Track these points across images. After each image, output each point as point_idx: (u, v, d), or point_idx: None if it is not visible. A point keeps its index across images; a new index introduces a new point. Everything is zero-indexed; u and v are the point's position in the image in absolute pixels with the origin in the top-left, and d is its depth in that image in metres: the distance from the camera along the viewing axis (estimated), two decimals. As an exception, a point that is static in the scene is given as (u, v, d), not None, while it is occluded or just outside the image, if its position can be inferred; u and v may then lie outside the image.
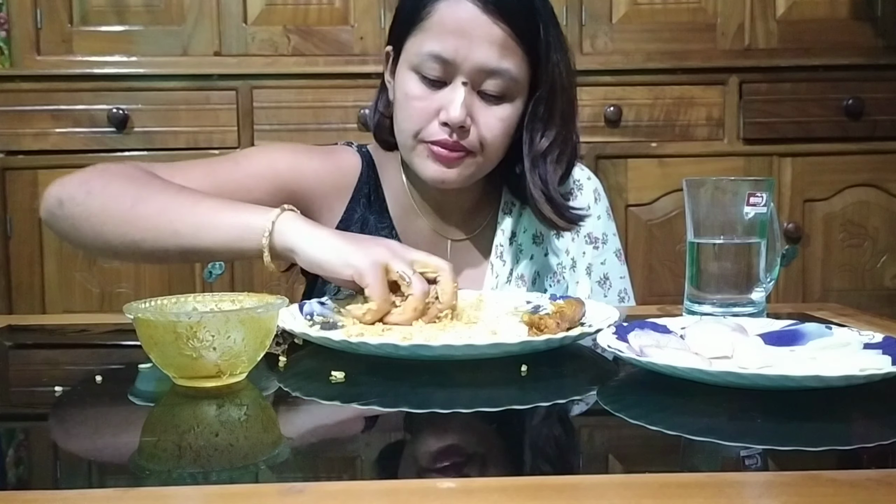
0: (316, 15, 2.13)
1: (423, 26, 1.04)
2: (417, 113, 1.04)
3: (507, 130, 1.07)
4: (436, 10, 1.03)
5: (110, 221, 0.97)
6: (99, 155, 2.05)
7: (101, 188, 0.98)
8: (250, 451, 0.58)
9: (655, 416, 0.63)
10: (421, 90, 1.04)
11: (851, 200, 2.17)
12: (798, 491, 0.48)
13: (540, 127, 1.09)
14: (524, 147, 1.10)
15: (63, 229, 1.01)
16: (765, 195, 0.95)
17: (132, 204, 0.96)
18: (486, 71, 1.02)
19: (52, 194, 1.00)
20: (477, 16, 1.01)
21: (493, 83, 1.03)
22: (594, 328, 0.80)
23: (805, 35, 2.17)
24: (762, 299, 0.97)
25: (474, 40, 1.01)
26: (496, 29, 1.01)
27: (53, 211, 1.00)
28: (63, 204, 0.99)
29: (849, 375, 0.63)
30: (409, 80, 1.05)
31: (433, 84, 1.04)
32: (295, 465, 0.55)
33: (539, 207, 1.10)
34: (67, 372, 0.86)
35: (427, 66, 1.03)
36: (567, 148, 1.12)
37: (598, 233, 1.22)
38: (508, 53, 1.03)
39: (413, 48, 1.05)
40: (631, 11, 2.14)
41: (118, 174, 1.01)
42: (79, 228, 0.99)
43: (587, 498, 0.47)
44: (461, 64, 1.02)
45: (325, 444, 0.60)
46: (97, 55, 2.09)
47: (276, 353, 0.79)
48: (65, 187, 1.00)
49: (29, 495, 0.49)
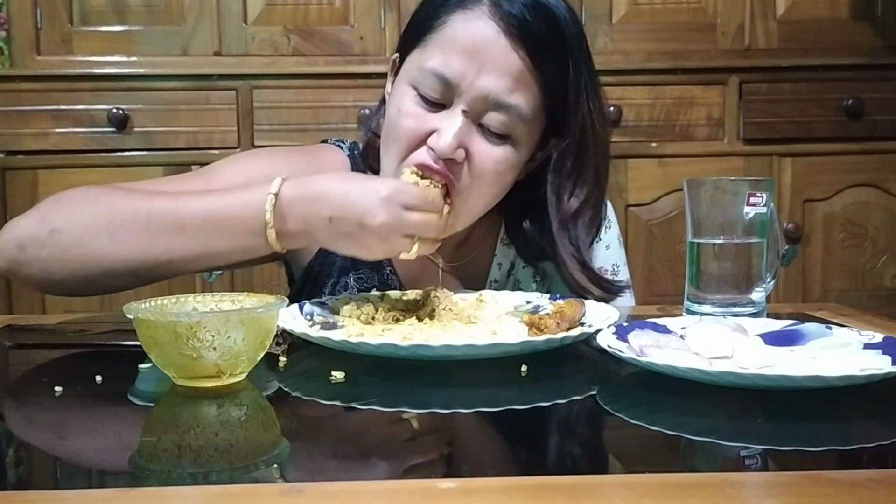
0: (316, 15, 2.13)
1: (431, 38, 0.93)
2: (406, 134, 0.92)
3: (501, 177, 0.94)
4: (450, 23, 0.92)
5: (84, 259, 0.87)
6: (99, 155, 2.06)
7: (65, 222, 0.88)
8: (250, 451, 0.58)
9: (655, 416, 0.63)
10: (415, 109, 0.92)
11: (851, 200, 2.17)
12: (798, 491, 0.48)
13: (568, 184, 0.97)
14: (550, 207, 0.98)
15: (31, 275, 0.89)
16: (765, 195, 0.95)
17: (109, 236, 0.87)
18: (491, 102, 0.90)
19: (7, 240, 0.89)
20: (494, 38, 0.89)
21: (497, 118, 0.91)
22: (594, 328, 0.80)
23: (805, 35, 2.17)
24: (762, 299, 0.97)
25: (485, 65, 0.89)
26: (513, 57, 0.90)
27: (14, 257, 0.88)
28: (25, 248, 0.88)
29: (849, 375, 0.63)
30: (405, 95, 0.93)
31: (431, 105, 0.92)
32: (295, 465, 0.55)
33: (573, 274, 0.97)
34: (67, 372, 0.86)
35: (426, 84, 0.91)
36: (599, 214, 1.01)
37: (608, 265, 1.12)
38: (521, 87, 0.91)
39: (416, 61, 0.94)
40: (631, 11, 2.14)
41: (79, 203, 0.90)
42: (51, 271, 0.88)
43: (587, 498, 0.47)
44: (465, 90, 0.90)
45: (325, 444, 0.60)
46: (97, 55, 2.09)
47: (276, 353, 0.79)
48: (19, 229, 0.89)
49: (29, 495, 0.49)
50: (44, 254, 0.87)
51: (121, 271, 0.89)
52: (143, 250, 0.88)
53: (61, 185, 2.01)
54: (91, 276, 0.89)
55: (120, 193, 0.92)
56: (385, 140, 0.97)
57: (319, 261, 1.08)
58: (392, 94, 0.98)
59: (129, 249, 0.88)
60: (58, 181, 2.05)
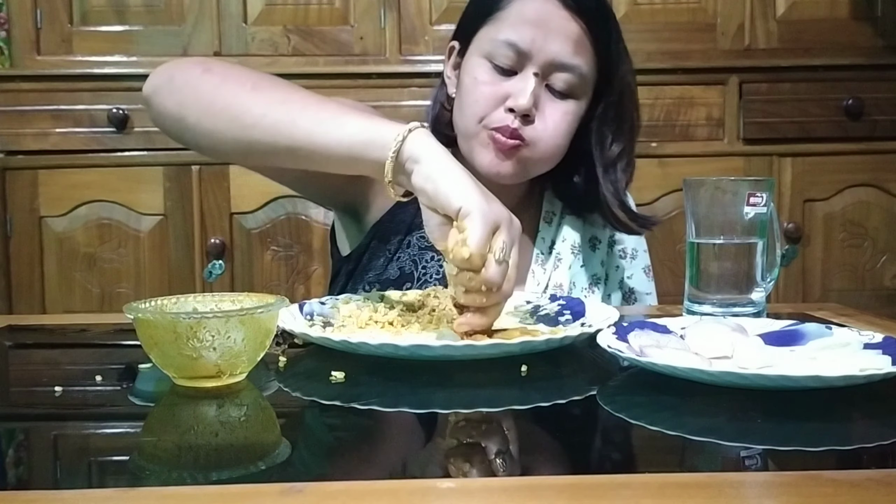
0: (316, 15, 2.13)
1: (499, 16, 1.06)
2: (485, 98, 1.04)
3: (569, 128, 1.07)
4: (514, 2, 1.05)
5: (222, 101, 0.91)
6: (99, 155, 2.05)
7: (222, 70, 0.95)
8: (250, 451, 0.58)
9: (655, 416, 0.63)
10: (490, 76, 1.05)
11: (851, 200, 2.16)
12: (798, 491, 0.48)
13: (609, 133, 1.11)
14: (595, 151, 1.11)
15: (165, 108, 0.95)
16: (765, 195, 0.95)
17: (252, 87, 0.92)
18: (558, 64, 1.04)
19: (163, 70, 0.97)
20: (555, 10, 1.03)
21: (563, 78, 1.05)
22: (594, 328, 0.80)
23: (805, 35, 2.16)
24: (762, 299, 0.97)
25: (550, 32, 1.03)
26: (573, 24, 1.04)
27: (161, 85, 0.96)
28: (174, 79, 0.95)
29: (849, 375, 0.63)
30: (480, 66, 1.06)
31: (504, 72, 1.05)
32: (295, 465, 0.55)
33: (613, 211, 1.12)
34: (67, 372, 0.86)
35: (500, 54, 1.04)
36: (632, 162, 1.14)
37: (629, 248, 1.24)
38: (581, 51, 1.05)
39: (487, 36, 1.06)
40: (631, 11, 2.14)
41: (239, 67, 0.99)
42: (185, 106, 0.94)
43: (587, 498, 0.47)
44: (535, 54, 1.03)
45: (325, 444, 0.60)
46: (97, 55, 2.09)
47: (276, 353, 0.79)
48: (180, 65, 0.97)
49: (29, 495, 0.49)
50: (188, 89, 0.94)
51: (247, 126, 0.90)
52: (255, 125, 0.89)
53: (61, 185, 2.04)
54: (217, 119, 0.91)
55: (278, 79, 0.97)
56: (461, 107, 1.08)
57: (391, 217, 1.13)
58: (464, 68, 1.09)
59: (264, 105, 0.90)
60: (58, 181, 2.05)
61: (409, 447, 0.59)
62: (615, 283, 1.21)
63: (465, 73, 1.09)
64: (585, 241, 1.19)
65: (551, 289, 1.15)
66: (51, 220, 2.06)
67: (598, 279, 1.19)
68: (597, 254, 1.20)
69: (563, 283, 1.16)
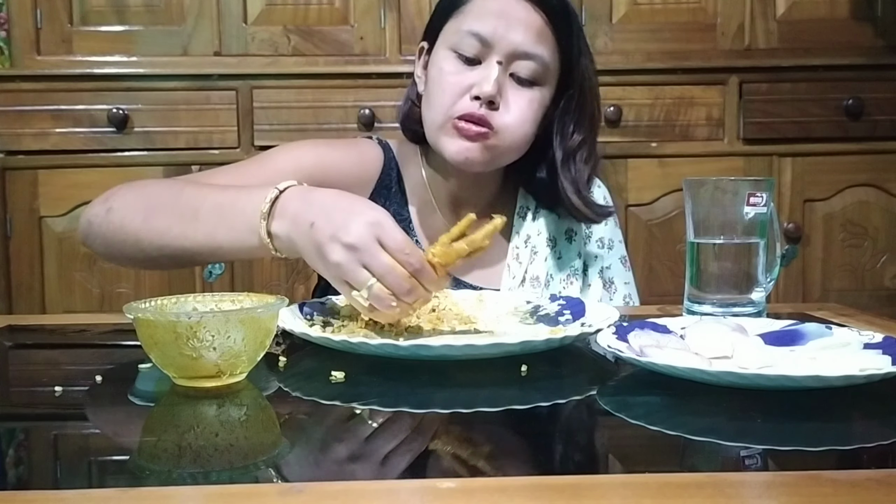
0: (316, 15, 2.13)
1: (464, 10, 1.10)
2: (451, 87, 1.08)
3: (534, 115, 1.10)
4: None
5: (126, 238, 0.99)
6: (99, 155, 2.05)
7: (119, 205, 1.01)
8: (250, 451, 0.58)
9: (655, 416, 0.63)
10: (456, 66, 1.09)
11: (851, 200, 2.16)
12: (798, 491, 0.48)
13: (570, 123, 1.15)
14: (555, 140, 1.15)
15: (97, 248, 1.05)
16: (765, 195, 0.95)
17: (143, 218, 0.98)
18: (521, 53, 1.07)
19: (84, 215, 1.05)
20: (517, 2, 1.08)
21: (526, 66, 1.08)
22: (594, 328, 0.80)
23: (805, 35, 2.16)
24: (762, 299, 0.97)
25: (512, 22, 1.07)
26: (534, 15, 1.08)
27: (85, 231, 1.05)
28: (91, 224, 1.03)
29: (849, 375, 0.63)
30: (446, 58, 1.10)
31: (469, 62, 1.08)
32: (295, 465, 0.55)
33: (571, 200, 1.15)
34: (67, 372, 0.86)
35: (465, 44, 1.08)
36: (593, 153, 1.17)
37: (606, 238, 1.25)
38: (543, 40, 1.08)
39: (452, 29, 1.10)
40: (631, 11, 2.14)
41: (137, 189, 1.04)
42: (109, 245, 1.02)
43: (587, 498, 0.47)
44: (498, 43, 1.06)
45: (325, 444, 0.60)
46: (97, 55, 2.09)
47: (276, 353, 0.79)
48: (92, 207, 1.04)
49: (29, 495, 0.49)
50: (102, 230, 1.02)
51: (150, 252, 0.99)
52: (164, 234, 0.97)
53: (61, 185, 2.04)
54: (131, 253, 1.01)
55: (167, 182, 1.05)
56: (428, 98, 1.12)
57: None
58: (431, 62, 1.14)
59: (156, 232, 0.97)
60: (58, 181, 2.05)
61: (409, 447, 0.59)
62: (595, 273, 1.23)
63: (433, 65, 1.12)
64: (561, 234, 1.22)
65: (528, 282, 1.16)
66: (51, 220, 2.06)
67: (576, 270, 1.20)
68: (573, 245, 1.22)
69: (540, 276, 1.17)
